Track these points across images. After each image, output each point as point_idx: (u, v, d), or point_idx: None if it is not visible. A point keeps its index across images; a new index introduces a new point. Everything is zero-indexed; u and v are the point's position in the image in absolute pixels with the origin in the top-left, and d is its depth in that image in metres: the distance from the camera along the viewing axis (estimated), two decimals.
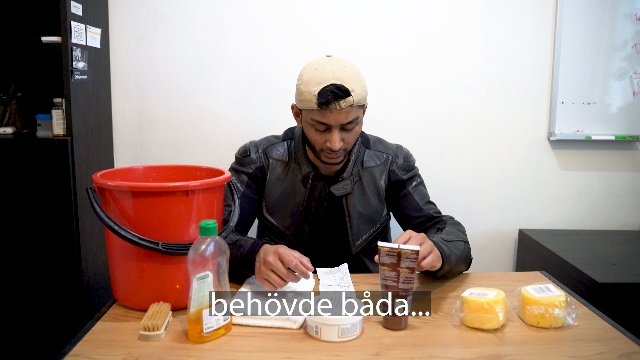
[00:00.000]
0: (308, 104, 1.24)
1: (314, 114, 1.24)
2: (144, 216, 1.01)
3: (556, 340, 0.97)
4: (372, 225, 1.43)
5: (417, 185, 1.44)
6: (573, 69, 1.97)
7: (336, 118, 1.23)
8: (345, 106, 1.21)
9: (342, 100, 1.20)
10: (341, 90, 1.19)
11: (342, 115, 1.23)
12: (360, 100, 1.25)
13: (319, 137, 1.28)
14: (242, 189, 1.40)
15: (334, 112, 1.22)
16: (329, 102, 1.20)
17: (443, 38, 1.96)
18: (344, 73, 1.23)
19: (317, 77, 1.23)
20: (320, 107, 1.21)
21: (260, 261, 1.12)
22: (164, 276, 1.04)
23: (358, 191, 1.40)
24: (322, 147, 1.29)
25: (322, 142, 1.28)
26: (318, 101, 1.20)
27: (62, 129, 1.63)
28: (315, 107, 1.22)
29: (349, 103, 1.22)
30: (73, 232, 1.63)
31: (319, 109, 1.22)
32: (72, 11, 1.60)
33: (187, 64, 1.93)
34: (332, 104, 1.20)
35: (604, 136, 2.01)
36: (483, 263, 2.08)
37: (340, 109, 1.21)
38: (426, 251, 1.06)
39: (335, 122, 1.23)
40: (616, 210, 2.09)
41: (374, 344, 0.94)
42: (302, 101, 1.27)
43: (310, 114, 1.25)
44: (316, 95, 1.21)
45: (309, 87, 1.23)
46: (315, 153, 1.34)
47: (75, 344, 0.93)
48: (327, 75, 1.22)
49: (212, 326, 0.94)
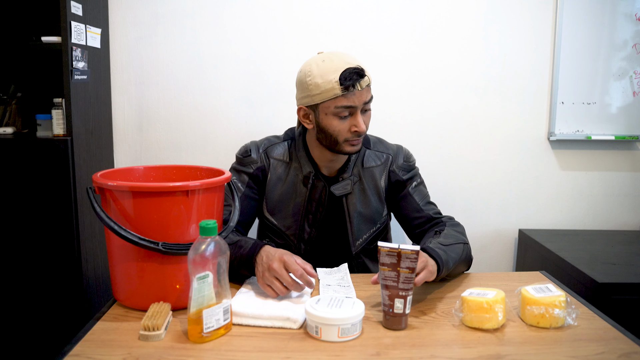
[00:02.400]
0: (329, 93, 1.25)
1: (338, 101, 1.26)
2: (144, 216, 1.01)
3: (556, 340, 0.97)
4: (372, 225, 1.43)
5: (417, 186, 1.44)
6: (573, 69, 1.97)
7: (360, 98, 1.27)
8: (365, 85, 1.26)
9: (362, 79, 1.25)
10: (361, 70, 1.25)
11: (363, 95, 1.27)
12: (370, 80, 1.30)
13: (343, 125, 1.29)
14: (242, 188, 1.39)
15: (357, 94, 1.26)
16: (354, 83, 1.24)
17: (443, 38, 1.96)
18: (350, 57, 1.28)
19: (329, 67, 1.25)
20: (348, 90, 1.24)
21: (264, 266, 1.11)
22: (164, 276, 1.04)
23: (358, 191, 1.40)
24: (346, 135, 1.29)
25: (346, 130, 1.29)
26: (344, 85, 1.23)
27: (62, 129, 1.63)
28: (340, 92, 1.24)
29: (367, 82, 1.27)
30: (73, 232, 1.63)
31: (343, 94, 1.25)
32: (72, 11, 1.60)
33: (187, 64, 1.94)
34: (357, 84, 1.25)
35: (604, 136, 2.01)
36: (483, 263, 2.08)
37: (361, 89, 1.26)
38: (419, 268, 1.06)
39: (360, 102, 1.27)
40: (616, 210, 2.09)
41: (374, 344, 0.94)
42: (319, 94, 1.27)
43: (334, 102, 1.26)
44: (338, 81, 1.23)
45: (326, 77, 1.25)
46: (336, 147, 1.32)
47: (76, 343, 0.93)
48: (338, 63, 1.25)
49: (212, 326, 0.94)
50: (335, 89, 1.24)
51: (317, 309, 0.96)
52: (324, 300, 1.00)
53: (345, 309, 0.96)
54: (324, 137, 1.32)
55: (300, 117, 1.36)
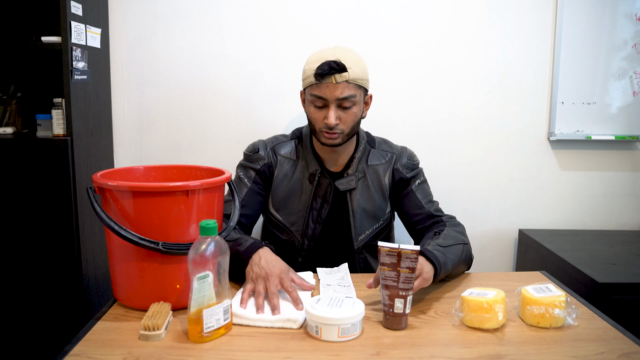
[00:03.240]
0: (308, 80, 1.33)
1: (313, 89, 1.32)
2: (144, 216, 1.02)
3: (556, 340, 0.97)
4: (375, 222, 1.45)
5: (420, 184, 1.47)
6: (573, 69, 1.97)
7: (332, 92, 1.29)
8: (341, 81, 1.28)
9: (338, 74, 1.28)
10: (337, 65, 1.27)
11: (338, 90, 1.29)
12: (357, 78, 1.31)
13: (318, 114, 1.34)
14: (249, 184, 1.43)
15: (330, 86, 1.29)
16: (324, 74, 1.27)
17: (443, 38, 1.96)
18: (344, 54, 1.32)
19: (317, 56, 1.33)
20: (316, 80, 1.29)
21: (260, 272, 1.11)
22: (164, 276, 1.04)
23: (362, 187, 1.43)
24: (321, 125, 1.34)
25: (321, 120, 1.34)
26: (315, 73, 1.28)
27: (62, 129, 1.63)
28: (314, 81, 1.30)
29: (345, 78, 1.28)
30: (73, 232, 1.63)
31: (317, 83, 1.30)
32: (72, 11, 1.60)
33: (187, 63, 1.93)
34: (328, 77, 1.28)
35: (604, 136, 2.01)
36: (483, 263, 2.08)
37: (335, 82, 1.28)
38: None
39: (331, 95, 1.29)
40: (616, 210, 2.09)
41: (374, 344, 0.95)
42: (304, 80, 1.36)
43: (310, 89, 1.33)
44: (314, 70, 1.29)
45: (311, 65, 1.32)
46: (315, 135, 1.38)
47: (76, 343, 0.93)
48: (327, 55, 1.31)
49: (212, 326, 0.94)
50: (311, 77, 1.31)
51: (317, 309, 0.96)
52: (324, 300, 1.00)
53: (345, 309, 0.96)
54: (309, 122, 1.39)
55: (301, 101, 1.45)
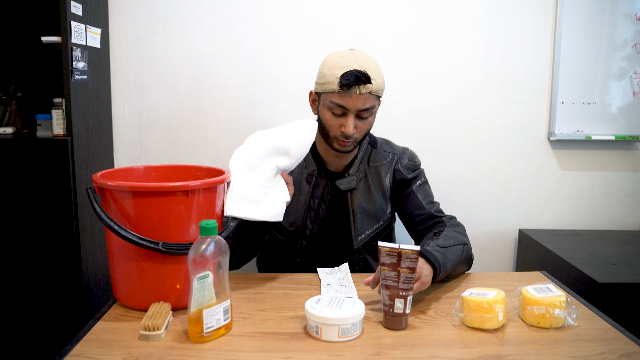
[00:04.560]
0: (330, 86, 1.29)
1: (334, 97, 1.29)
2: (144, 216, 1.01)
3: (556, 340, 0.97)
4: (376, 222, 1.45)
5: (421, 185, 1.47)
6: (573, 69, 1.97)
7: (355, 102, 1.28)
8: (365, 92, 1.27)
9: (363, 85, 1.26)
10: (363, 76, 1.25)
11: (360, 101, 1.28)
12: (379, 90, 1.31)
13: (334, 121, 1.32)
14: None
15: (353, 97, 1.27)
16: (350, 84, 1.25)
17: (443, 38, 1.96)
18: (367, 63, 1.30)
19: (341, 63, 1.29)
20: (342, 90, 1.27)
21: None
22: (164, 276, 1.04)
23: (363, 187, 1.44)
24: (336, 133, 1.33)
25: (337, 128, 1.32)
26: (340, 83, 1.26)
27: (62, 129, 1.63)
28: (337, 89, 1.27)
29: (369, 90, 1.27)
30: (73, 232, 1.63)
31: (340, 92, 1.27)
32: (72, 11, 1.60)
33: (187, 63, 1.93)
34: (354, 87, 1.26)
35: (604, 136, 2.01)
36: (483, 263, 2.08)
37: (360, 94, 1.27)
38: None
39: (354, 106, 1.28)
40: (616, 210, 2.09)
41: (374, 344, 0.94)
42: (323, 84, 1.31)
43: (330, 96, 1.30)
44: (339, 78, 1.26)
45: (333, 71, 1.28)
46: (327, 140, 1.36)
47: (76, 343, 0.93)
48: (351, 62, 1.28)
49: (212, 326, 0.94)
50: (334, 85, 1.28)
51: (317, 309, 0.96)
52: (324, 300, 1.00)
53: (346, 309, 0.96)
54: (321, 126, 1.37)
55: (310, 101, 1.43)
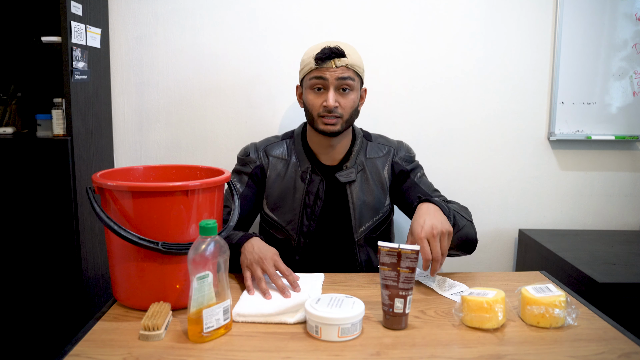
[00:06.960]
0: (307, 66, 1.38)
1: (313, 73, 1.37)
2: (144, 216, 1.02)
3: (556, 340, 0.97)
4: (375, 214, 1.47)
5: (421, 177, 1.51)
6: (573, 69, 1.97)
7: (332, 73, 1.35)
8: (341, 65, 1.35)
9: (338, 59, 1.35)
10: (337, 49, 1.34)
11: (337, 71, 1.35)
12: (355, 64, 1.37)
13: (316, 99, 1.37)
14: (241, 189, 1.46)
15: (330, 69, 1.35)
16: (324, 57, 1.34)
17: (443, 38, 1.95)
18: (342, 43, 1.39)
19: (317, 47, 1.38)
20: (317, 64, 1.35)
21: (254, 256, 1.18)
22: (164, 276, 1.04)
23: (361, 180, 1.46)
24: (319, 110, 1.37)
25: (319, 105, 1.37)
26: (316, 57, 1.34)
27: (62, 129, 1.63)
28: (314, 65, 1.35)
29: (344, 63, 1.35)
30: (73, 232, 1.63)
31: (317, 67, 1.35)
32: (72, 11, 1.60)
33: (187, 63, 1.93)
34: (329, 61, 1.34)
35: (604, 136, 2.01)
36: (483, 263, 2.08)
37: (335, 66, 1.35)
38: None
39: (331, 76, 1.35)
40: (616, 210, 2.09)
41: (374, 344, 0.95)
42: (302, 69, 1.40)
43: (309, 75, 1.38)
44: (314, 56, 1.35)
45: (309, 54, 1.39)
46: (313, 124, 1.40)
47: (76, 343, 0.93)
48: (326, 43, 1.38)
49: (212, 326, 0.94)
50: (311, 63, 1.36)
51: (317, 309, 0.96)
52: (324, 300, 1.00)
53: (345, 309, 0.96)
54: (306, 113, 1.42)
55: (297, 95, 1.49)
